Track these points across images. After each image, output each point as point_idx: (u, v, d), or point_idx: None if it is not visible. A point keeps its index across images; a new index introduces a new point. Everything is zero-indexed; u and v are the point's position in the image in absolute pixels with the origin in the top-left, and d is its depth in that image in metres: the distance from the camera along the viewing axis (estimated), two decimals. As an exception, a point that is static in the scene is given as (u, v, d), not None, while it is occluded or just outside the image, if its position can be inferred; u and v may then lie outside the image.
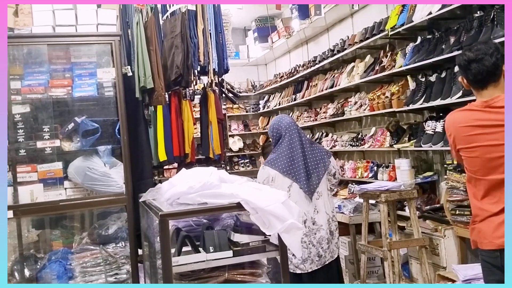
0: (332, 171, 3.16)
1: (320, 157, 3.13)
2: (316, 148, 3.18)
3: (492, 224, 2.12)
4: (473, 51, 2.19)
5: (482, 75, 2.15)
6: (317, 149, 3.17)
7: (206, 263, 2.04)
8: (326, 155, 3.16)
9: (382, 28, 4.46)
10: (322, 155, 3.14)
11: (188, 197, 2.11)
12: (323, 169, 3.10)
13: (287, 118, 3.26)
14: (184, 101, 4.50)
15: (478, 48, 2.18)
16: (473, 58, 2.16)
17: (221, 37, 4.58)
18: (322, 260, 3.00)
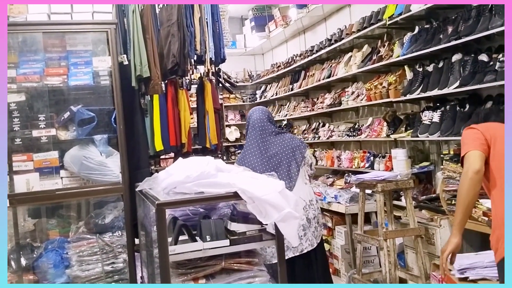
0: (309, 161, 3.17)
1: (289, 150, 3.10)
2: (283, 140, 3.14)
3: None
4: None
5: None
6: (285, 142, 3.13)
7: (203, 252, 2.04)
8: (297, 147, 3.12)
9: (379, 18, 4.44)
10: (292, 148, 3.10)
11: (185, 186, 2.11)
12: (294, 162, 3.07)
13: (256, 114, 3.22)
14: (181, 90, 4.48)
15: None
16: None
17: (218, 26, 4.55)
18: (299, 248, 2.97)
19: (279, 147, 3.11)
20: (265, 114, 3.21)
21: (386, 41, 4.66)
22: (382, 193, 3.54)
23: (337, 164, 5.70)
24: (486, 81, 3.14)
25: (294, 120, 7.44)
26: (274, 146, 3.12)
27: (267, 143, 3.12)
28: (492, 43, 3.46)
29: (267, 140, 3.13)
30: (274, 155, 3.10)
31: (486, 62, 3.27)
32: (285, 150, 3.10)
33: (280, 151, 3.10)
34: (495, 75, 3.10)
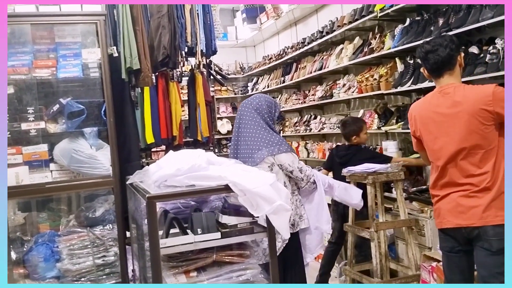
0: (288, 168, 2.81)
1: (248, 151, 2.83)
2: (258, 139, 2.83)
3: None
4: (430, 43, 2.45)
5: (437, 64, 2.41)
6: (253, 141, 2.84)
7: (194, 245, 2.04)
8: (264, 150, 2.78)
9: (371, 10, 4.43)
10: (258, 147, 2.80)
11: (175, 179, 2.10)
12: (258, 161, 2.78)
13: (244, 104, 2.98)
14: (172, 82, 4.46)
15: (434, 41, 2.45)
16: (430, 49, 2.42)
17: (209, 17, 4.52)
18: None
19: (246, 144, 2.86)
20: (254, 102, 2.94)
21: (378, 33, 4.65)
22: (373, 185, 3.55)
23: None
24: (476, 73, 3.15)
25: (286, 113, 7.44)
26: (244, 142, 2.87)
27: (240, 137, 2.90)
28: (483, 35, 3.47)
29: (241, 131, 2.90)
30: (243, 150, 2.85)
31: (477, 54, 3.28)
32: (248, 147, 2.85)
33: (246, 149, 2.85)
34: (485, 67, 3.12)
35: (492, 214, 2.26)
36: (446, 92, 2.40)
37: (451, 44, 2.40)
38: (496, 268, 2.25)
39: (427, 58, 2.44)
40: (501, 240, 2.23)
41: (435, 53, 2.40)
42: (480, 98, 2.28)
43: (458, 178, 2.36)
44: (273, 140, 2.82)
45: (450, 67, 2.41)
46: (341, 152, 4.08)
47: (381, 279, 3.48)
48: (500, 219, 2.25)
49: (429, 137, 2.49)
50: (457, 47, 2.43)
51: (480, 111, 2.27)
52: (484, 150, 2.29)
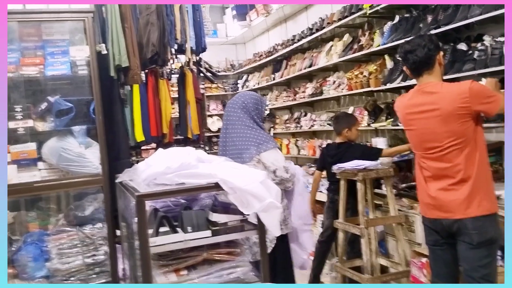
0: (270, 167, 2.73)
1: (236, 150, 2.79)
2: (245, 138, 2.80)
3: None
4: (409, 43, 2.51)
5: (416, 64, 2.48)
6: (241, 139, 2.81)
7: (184, 243, 2.03)
8: (252, 148, 2.75)
9: (360, 7, 4.44)
10: (247, 146, 2.77)
11: (165, 177, 2.09)
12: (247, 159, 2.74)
13: (230, 104, 2.95)
14: (161, 80, 4.44)
15: (413, 41, 2.51)
16: (409, 49, 2.49)
17: (199, 14, 4.51)
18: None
19: (234, 144, 2.83)
20: (240, 100, 2.90)
21: (367, 30, 4.66)
22: (363, 181, 3.57)
23: (319, 154, 5.72)
24: (465, 70, 3.17)
25: (277, 110, 7.44)
26: (232, 143, 2.84)
27: (228, 138, 2.86)
28: (471, 32, 3.49)
29: (228, 131, 2.87)
30: (232, 150, 2.81)
31: (465, 51, 3.30)
32: (236, 148, 2.81)
33: (234, 149, 2.81)
34: (473, 64, 3.14)
35: (473, 206, 2.33)
36: (425, 90, 2.47)
37: (430, 44, 2.45)
38: (477, 262, 2.31)
39: (406, 58, 2.51)
40: (481, 233, 2.29)
41: (414, 53, 2.47)
42: (456, 95, 2.35)
43: (438, 171, 2.43)
44: (260, 138, 2.80)
45: (429, 67, 2.48)
46: (332, 151, 4.09)
47: (372, 275, 3.50)
48: (481, 209, 2.32)
49: (410, 132, 2.58)
50: (436, 47, 2.49)
51: (458, 108, 2.35)
52: (462, 144, 2.37)
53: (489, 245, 2.36)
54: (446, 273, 2.52)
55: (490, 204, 2.39)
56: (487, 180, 2.41)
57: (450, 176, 2.40)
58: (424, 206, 2.55)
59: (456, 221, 2.37)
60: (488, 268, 2.36)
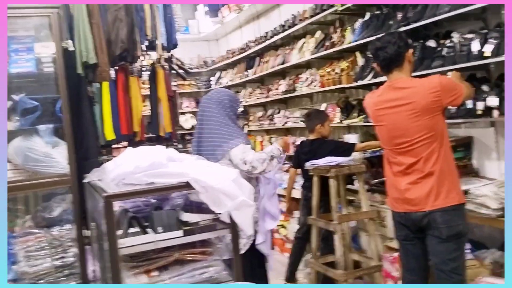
0: (234, 161, 2.72)
1: (210, 146, 2.80)
2: (219, 135, 2.80)
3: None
4: (380, 40, 2.55)
5: (386, 61, 2.51)
6: (215, 137, 2.80)
7: (155, 244, 1.99)
8: (225, 145, 2.75)
9: (332, 4, 4.45)
10: (220, 143, 2.77)
11: (134, 177, 2.05)
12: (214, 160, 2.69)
13: (205, 99, 2.94)
14: (132, 77, 4.36)
15: (384, 38, 2.55)
16: (379, 46, 2.52)
17: (169, 10, 4.44)
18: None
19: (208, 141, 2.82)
20: (215, 97, 2.89)
21: (338, 27, 4.69)
22: (336, 178, 3.58)
23: (292, 150, 5.73)
24: (434, 67, 3.22)
25: (250, 107, 7.42)
26: (206, 139, 2.83)
27: (203, 134, 2.84)
28: (440, 29, 3.54)
29: (203, 128, 2.85)
30: (206, 147, 2.81)
31: (434, 48, 3.35)
32: (210, 144, 2.80)
33: (208, 146, 2.81)
34: (442, 61, 3.18)
35: (441, 198, 2.38)
36: (396, 86, 2.51)
37: (400, 41, 2.50)
38: (447, 255, 2.36)
39: (377, 55, 2.54)
40: (450, 227, 2.34)
41: (384, 50, 2.50)
42: (428, 89, 2.40)
43: (407, 166, 2.47)
44: (233, 134, 2.79)
45: (398, 64, 2.51)
46: (305, 148, 4.10)
47: (345, 270, 3.52)
48: (449, 200, 2.37)
49: (381, 128, 2.61)
50: (406, 44, 2.53)
51: (430, 102, 2.39)
52: (431, 138, 2.42)
53: (458, 239, 2.40)
54: (417, 267, 2.56)
55: (458, 195, 2.45)
56: (453, 172, 2.47)
57: (418, 170, 2.44)
58: (394, 201, 2.58)
59: (426, 215, 2.41)
60: (457, 261, 2.40)
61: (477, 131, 3.48)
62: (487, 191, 2.88)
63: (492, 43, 2.84)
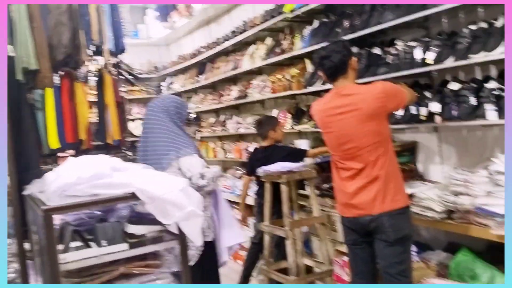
0: (186, 173, 2.65)
1: (158, 157, 2.72)
2: (166, 142, 2.73)
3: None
4: (325, 49, 2.58)
5: (331, 69, 2.55)
6: (161, 145, 2.74)
7: (99, 258, 1.91)
8: (172, 153, 2.69)
9: (281, 11, 4.49)
10: (166, 152, 2.70)
11: (76, 188, 1.95)
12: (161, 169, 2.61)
13: (150, 106, 2.87)
14: (78, 83, 4.21)
15: (328, 47, 2.58)
16: (324, 55, 2.55)
17: (117, 14, 4.33)
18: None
19: (154, 150, 2.74)
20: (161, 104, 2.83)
21: (288, 34, 4.73)
22: (288, 183, 3.60)
23: (245, 157, 5.72)
24: (379, 74, 3.30)
25: (202, 113, 7.35)
26: (152, 147, 2.75)
27: (148, 142, 2.78)
28: (385, 37, 3.64)
29: (148, 136, 2.78)
30: (152, 155, 2.74)
31: (379, 55, 3.44)
32: (156, 153, 2.73)
33: (154, 154, 2.74)
34: (387, 68, 3.27)
35: (387, 201, 2.43)
36: (342, 93, 2.55)
37: (344, 50, 2.55)
38: (394, 258, 2.41)
39: (322, 63, 2.57)
40: (396, 230, 2.40)
41: (329, 59, 2.54)
42: (374, 95, 2.46)
43: (355, 171, 2.52)
44: (181, 142, 2.73)
45: (343, 72, 2.56)
46: (259, 154, 4.09)
47: (297, 276, 3.53)
48: (396, 204, 2.42)
49: (329, 135, 2.64)
50: (350, 52, 2.58)
51: (376, 108, 2.44)
52: (378, 143, 2.48)
53: (404, 242, 2.46)
54: (365, 271, 2.60)
55: (404, 198, 2.51)
56: (398, 176, 2.54)
57: (366, 174, 2.49)
58: (342, 206, 2.62)
59: (373, 219, 2.45)
60: (404, 264, 2.46)
61: (421, 136, 3.60)
62: (432, 194, 2.98)
63: (434, 50, 2.94)
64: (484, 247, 3.07)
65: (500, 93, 2.64)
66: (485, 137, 3.14)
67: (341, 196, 2.61)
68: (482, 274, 2.76)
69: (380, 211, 2.44)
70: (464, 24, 3.00)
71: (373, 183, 2.47)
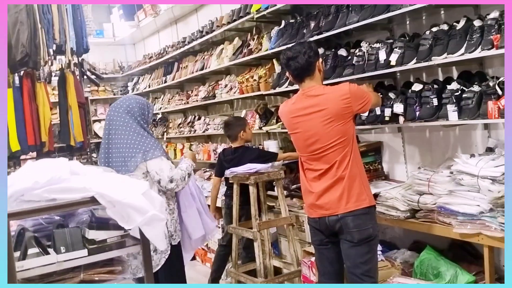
0: (155, 177, 2.64)
1: (123, 159, 2.66)
2: (131, 144, 2.67)
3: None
4: (291, 50, 2.57)
5: (297, 70, 2.55)
6: (126, 147, 2.67)
7: (57, 265, 1.84)
8: (138, 156, 2.63)
9: (248, 11, 4.47)
10: (133, 154, 2.64)
11: (33, 193, 1.87)
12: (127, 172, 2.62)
13: (113, 107, 2.78)
14: (39, 83, 4.11)
15: (294, 48, 2.57)
16: (291, 56, 2.54)
17: (79, 13, 4.23)
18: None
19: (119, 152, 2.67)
20: (124, 104, 2.75)
21: (255, 34, 4.72)
22: (255, 185, 3.58)
23: (213, 158, 5.68)
24: (345, 75, 3.32)
25: (169, 113, 7.27)
26: (116, 149, 2.68)
27: (112, 144, 2.70)
28: (351, 38, 3.68)
29: (112, 138, 2.70)
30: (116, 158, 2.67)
31: (345, 56, 3.46)
32: (121, 155, 2.66)
33: (119, 157, 2.67)
34: (352, 69, 3.29)
35: (352, 201, 2.45)
36: (309, 94, 2.55)
37: (309, 51, 2.54)
38: (359, 258, 2.43)
39: (288, 64, 2.57)
40: (361, 231, 2.42)
41: (295, 60, 2.53)
42: (339, 96, 2.48)
43: (321, 171, 2.52)
44: (147, 144, 2.67)
45: (310, 73, 2.56)
46: (228, 156, 4.05)
47: (265, 278, 3.52)
48: (360, 203, 2.45)
49: (296, 136, 2.63)
50: (316, 54, 2.58)
51: (342, 109, 2.46)
52: (343, 143, 2.49)
53: (369, 242, 2.48)
54: (332, 271, 2.61)
55: (369, 197, 2.53)
56: (363, 176, 2.56)
57: (332, 174, 2.50)
58: (309, 207, 2.62)
59: (339, 219, 2.46)
60: (369, 264, 2.48)
61: (386, 136, 3.65)
62: (396, 194, 3.02)
63: (397, 52, 2.98)
64: (447, 245, 3.14)
65: (460, 94, 2.69)
66: (447, 137, 3.21)
67: (308, 197, 2.62)
68: (445, 272, 2.82)
69: (345, 211, 2.46)
70: (426, 26, 3.06)
71: (339, 183, 2.48)
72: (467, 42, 2.62)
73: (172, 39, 6.90)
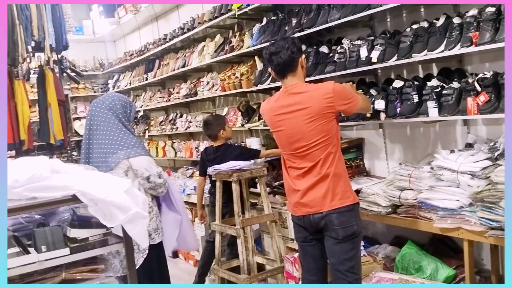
0: (143, 174, 2.60)
1: (104, 155, 2.61)
2: (113, 141, 2.63)
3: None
4: (274, 45, 2.55)
5: (280, 66, 2.53)
6: (107, 143, 2.63)
7: (38, 264, 1.81)
8: (120, 152, 2.59)
9: (229, 8, 4.46)
10: (114, 150, 2.60)
11: (13, 192, 1.84)
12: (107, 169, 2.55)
13: (95, 104, 2.73)
14: (17, 81, 4.04)
15: (277, 43, 2.55)
16: (273, 51, 2.52)
17: (58, 10, 4.17)
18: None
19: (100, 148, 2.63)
20: (107, 101, 2.70)
21: (237, 31, 4.71)
22: (238, 182, 3.58)
23: (196, 155, 5.66)
24: (327, 72, 3.34)
25: (151, 111, 7.21)
26: (97, 146, 2.64)
27: (93, 140, 2.66)
28: (332, 36, 3.70)
29: (93, 134, 2.66)
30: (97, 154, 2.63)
31: (327, 53, 3.48)
32: (102, 151, 2.62)
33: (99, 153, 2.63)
34: (334, 66, 3.32)
35: (337, 199, 2.46)
36: (292, 91, 2.53)
37: (292, 47, 2.52)
38: (344, 255, 2.45)
39: (271, 60, 2.55)
40: (346, 228, 2.43)
41: (278, 55, 2.51)
42: (322, 95, 2.46)
43: (305, 169, 2.52)
44: (129, 142, 2.63)
45: (292, 69, 2.54)
46: (210, 155, 4.03)
47: (249, 274, 3.53)
48: (344, 201, 2.47)
49: (279, 133, 2.62)
50: (299, 50, 2.56)
51: (324, 108, 2.45)
52: (327, 142, 2.49)
53: (353, 238, 2.49)
54: (316, 267, 2.62)
55: (353, 195, 2.54)
56: (346, 174, 2.57)
57: (316, 172, 2.50)
58: (292, 205, 2.62)
59: (323, 217, 2.47)
60: (353, 261, 2.50)
61: (367, 133, 3.68)
62: (377, 190, 3.05)
63: (378, 49, 3.01)
64: (428, 239, 3.19)
65: (440, 90, 2.73)
66: (428, 133, 3.26)
67: (292, 195, 2.62)
68: (426, 266, 2.86)
69: (330, 209, 2.46)
70: (407, 23, 3.10)
71: (323, 181, 2.48)
72: (446, 39, 2.66)
73: (153, 36, 6.84)
